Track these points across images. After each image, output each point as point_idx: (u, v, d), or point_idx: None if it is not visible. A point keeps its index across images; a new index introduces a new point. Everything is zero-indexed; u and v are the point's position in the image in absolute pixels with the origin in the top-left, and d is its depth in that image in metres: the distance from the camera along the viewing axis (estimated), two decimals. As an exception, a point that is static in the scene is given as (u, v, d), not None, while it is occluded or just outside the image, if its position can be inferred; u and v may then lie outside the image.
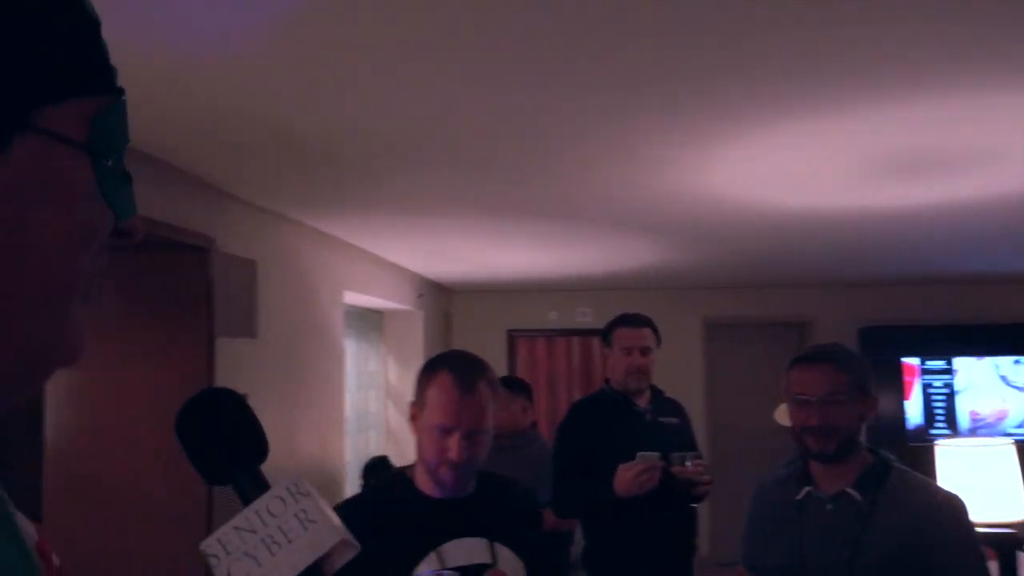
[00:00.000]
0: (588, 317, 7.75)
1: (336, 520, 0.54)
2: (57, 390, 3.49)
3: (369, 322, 6.68)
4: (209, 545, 0.51)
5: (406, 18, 1.98)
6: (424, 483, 1.82)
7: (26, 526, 0.50)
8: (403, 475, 1.88)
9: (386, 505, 1.84)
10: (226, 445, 0.56)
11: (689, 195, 3.89)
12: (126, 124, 0.54)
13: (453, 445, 1.72)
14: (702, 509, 3.27)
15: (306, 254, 4.64)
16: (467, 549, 1.73)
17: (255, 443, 0.57)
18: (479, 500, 1.83)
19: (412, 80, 2.40)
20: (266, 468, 2.45)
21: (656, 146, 3.08)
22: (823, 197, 3.96)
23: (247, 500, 0.53)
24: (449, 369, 1.78)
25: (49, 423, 3.49)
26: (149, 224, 3.21)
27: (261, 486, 0.54)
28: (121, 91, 0.53)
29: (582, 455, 3.01)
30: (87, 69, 0.50)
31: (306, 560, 0.50)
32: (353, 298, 5.66)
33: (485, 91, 2.50)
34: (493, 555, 1.74)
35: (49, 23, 0.48)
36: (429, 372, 1.82)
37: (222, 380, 3.54)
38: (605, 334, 3.26)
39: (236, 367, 3.69)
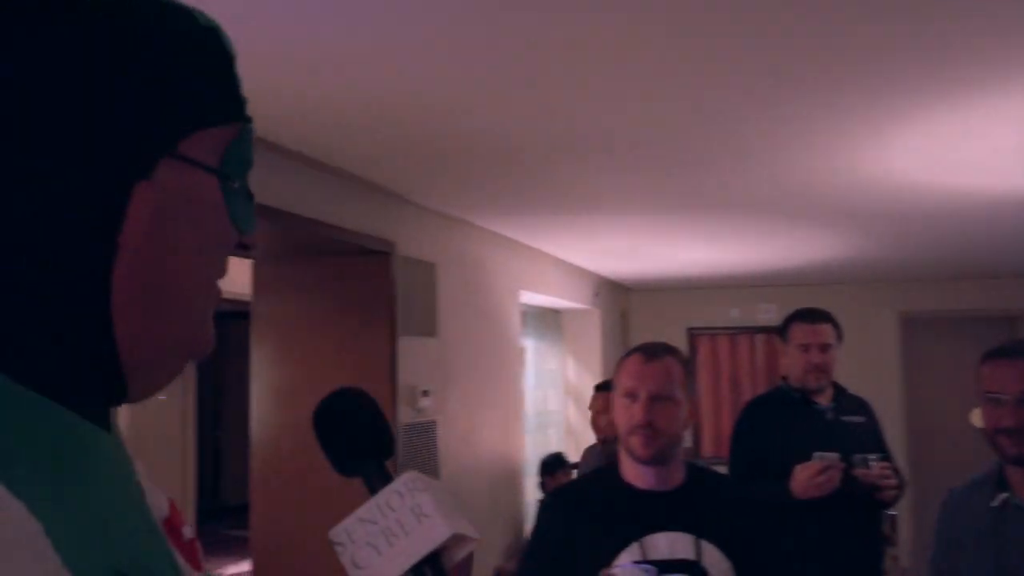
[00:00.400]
0: (771, 314, 7.47)
1: (452, 515, 0.57)
2: (261, 387, 3.81)
3: (547, 321, 6.78)
4: (336, 533, 0.56)
5: (585, 19, 2.02)
6: (630, 473, 1.83)
7: (157, 500, 0.57)
8: (612, 466, 1.91)
9: (592, 494, 1.88)
10: (357, 440, 0.61)
11: (872, 183, 3.69)
12: (251, 149, 0.60)
13: (638, 408, 1.75)
14: (902, 519, 3.08)
15: (483, 256, 4.79)
16: (670, 543, 1.71)
17: (383, 439, 0.62)
18: (687, 493, 1.80)
19: (591, 82, 2.44)
20: (448, 464, 2.62)
21: (838, 132, 2.95)
22: (1016, 179, 3.63)
23: (373, 493, 0.57)
24: (637, 348, 1.88)
25: (255, 418, 3.82)
26: (338, 232, 3.43)
27: (386, 479, 0.58)
28: (249, 119, 0.60)
29: (757, 456, 2.92)
30: (223, 101, 0.57)
31: (420, 552, 0.54)
32: (531, 298, 5.77)
33: (666, 89, 2.50)
34: (698, 552, 1.70)
35: (193, 62, 0.54)
36: (622, 359, 1.88)
37: (404, 378, 3.72)
38: (781, 330, 3.15)
39: (417, 365, 3.87)
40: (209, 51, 0.56)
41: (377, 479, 0.58)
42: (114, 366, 0.52)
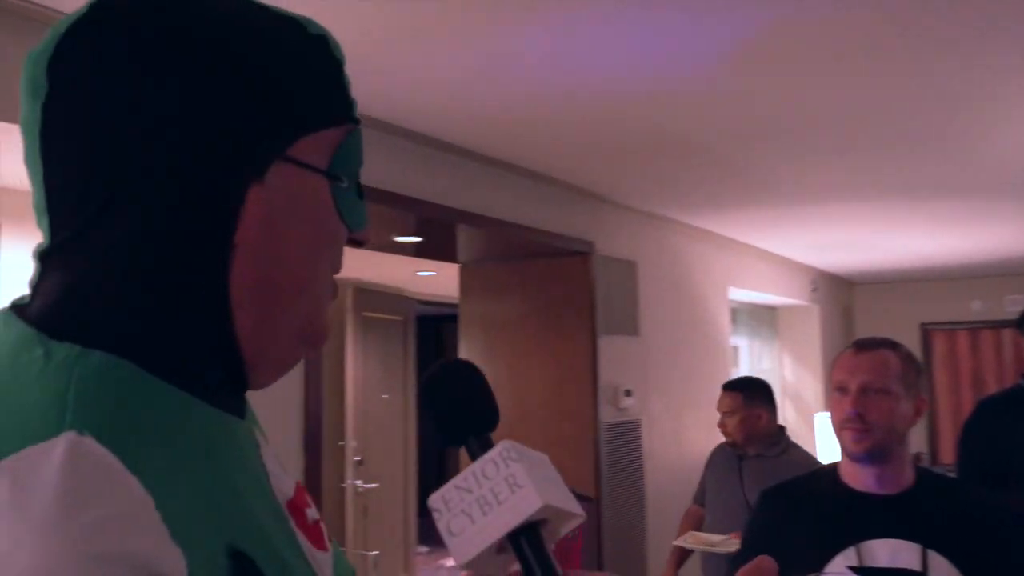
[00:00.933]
0: (1021, 306, 6.72)
1: (549, 488, 0.56)
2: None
3: (761, 318, 6.51)
4: (434, 500, 0.57)
5: (800, 5, 1.94)
6: (848, 474, 1.73)
7: (282, 483, 0.60)
8: (832, 466, 1.83)
9: (808, 493, 1.80)
10: (465, 411, 0.62)
11: None
12: (360, 149, 0.63)
13: (848, 401, 1.66)
14: None
15: (686, 252, 4.68)
16: (892, 550, 1.57)
17: (488, 412, 0.62)
18: (914, 498, 1.65)
19: (798, 70, 2.33)
20: (653, 464, 2.58)
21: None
22: None
23: (473, 461, 0.58)
24: (853, 342, 1.78)
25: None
26: (539, 234, 3.50)
27: (486, 448, 0.58)
28: (357, 121, 0.62)
29: (991, 462, 2.64)
30: (330, 106, 0.58)
31: (512, 522, 0.53)
32: (742, 294, 5.57)
33: (881, 63, 2.33)
34: (924, 564, 1.56)
35: (300, 70, 0.57)
36: (836, 356, 1.81)
37: (605, 376, 3.72)
38: (1020, 322, 2.83)
39: (619, 363, 3.85)
40: (316, 59, 0.59)
41: (478, 448, 0.58)
42: (235, 355, 0.56)
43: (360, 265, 5.19)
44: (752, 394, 3.14)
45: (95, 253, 0.52)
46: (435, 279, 5.68)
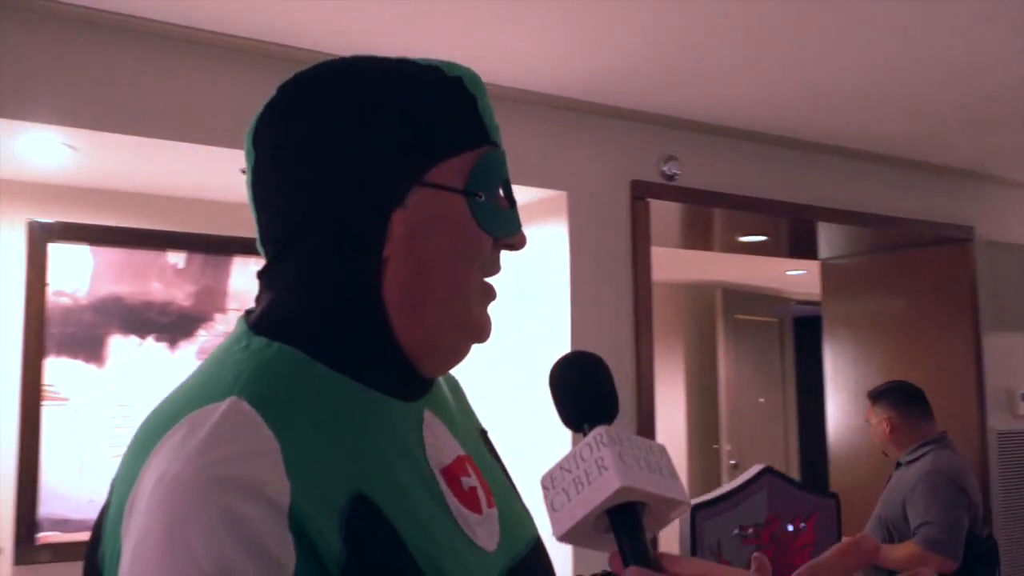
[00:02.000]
0: None
1: (641, 472, 0.58)
2: (836, 388, 3.73)
3: None
4: (543, 478, 0.62)
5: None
6: None
7: (440, 455, 0.70)
8: None
9: None
10: (580, 399, 0.66)
11: None
12: (497, 166, 0.71)
13: None
14: None
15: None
16: None
17: (603, 402, 0.65)
18: None
19: None
20: None
21: None
22: None
23: None
24: None
25: (831, 418, 3.75)
26: (907, 224, 3.21)
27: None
28: (493, 143, 0.71)
29: None
30: (461, 135, 0.69)
31: (595, 500, 0.56)
32: None
33: None
34: None
35: (432, 109, 0.68)
36: None
37: (994, 379, 3.28)
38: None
39: (1008, 364, 3.36)
40: (450, 96, 0.69)
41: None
42: (396, 350, 0.68)
43: (725, 267, 5.16)
44: None
45: (287, 274, 0.68)
46: (807, 278, 5.44)
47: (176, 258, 2.53)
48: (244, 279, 2.61)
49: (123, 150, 2.08)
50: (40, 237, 2.35)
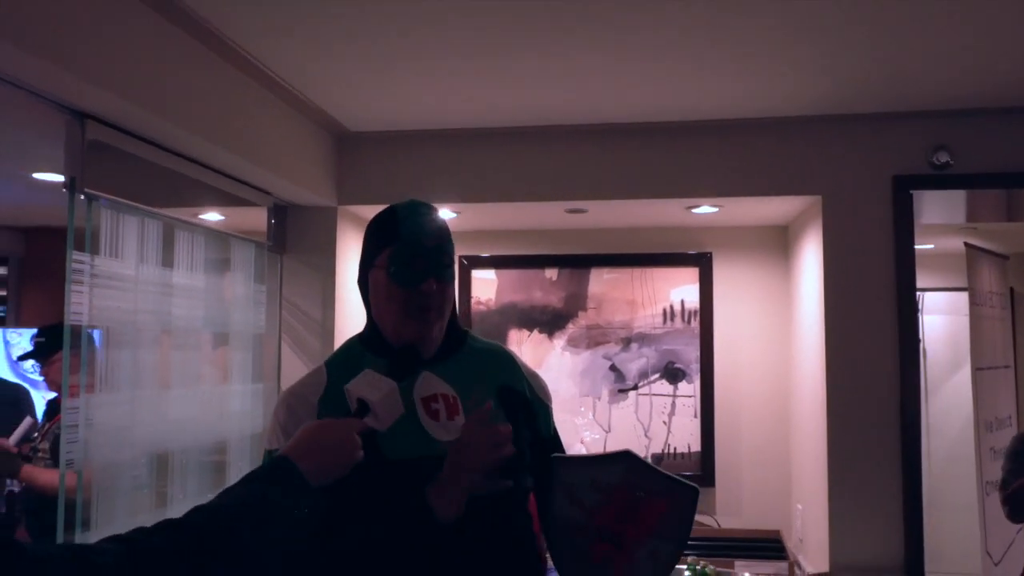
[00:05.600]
0: None
1: (368, 389, 1.32)
2: None
3: None
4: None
5: None
6: None
7: (425, 391, 1.50)
8: None
9: None
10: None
11: None
12: (404, 252, 1.42)
13: None
14: None
15: None
16: None
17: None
18: None
19: None
20: None
21: None
22: None
23: None
24: None
25: None
26: None
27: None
28: (397, 242, 1.43)
29: None
30: (383, 240, 1.45)
31: (355, 394, 1.34)
32: None
33: None
34: None
35: (381, 230, 1.46)
36: None
37: None
38: None
39: None
40: (386, 221, 1.46)
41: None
42: (385, 341, 1.48)
43: None
44: None
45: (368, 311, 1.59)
46: None
47: (551, 273, 3.60)
48: (598, 285, 3.56)
49: (492, 212, 3.21)
50: (465, 268, 3.62)
